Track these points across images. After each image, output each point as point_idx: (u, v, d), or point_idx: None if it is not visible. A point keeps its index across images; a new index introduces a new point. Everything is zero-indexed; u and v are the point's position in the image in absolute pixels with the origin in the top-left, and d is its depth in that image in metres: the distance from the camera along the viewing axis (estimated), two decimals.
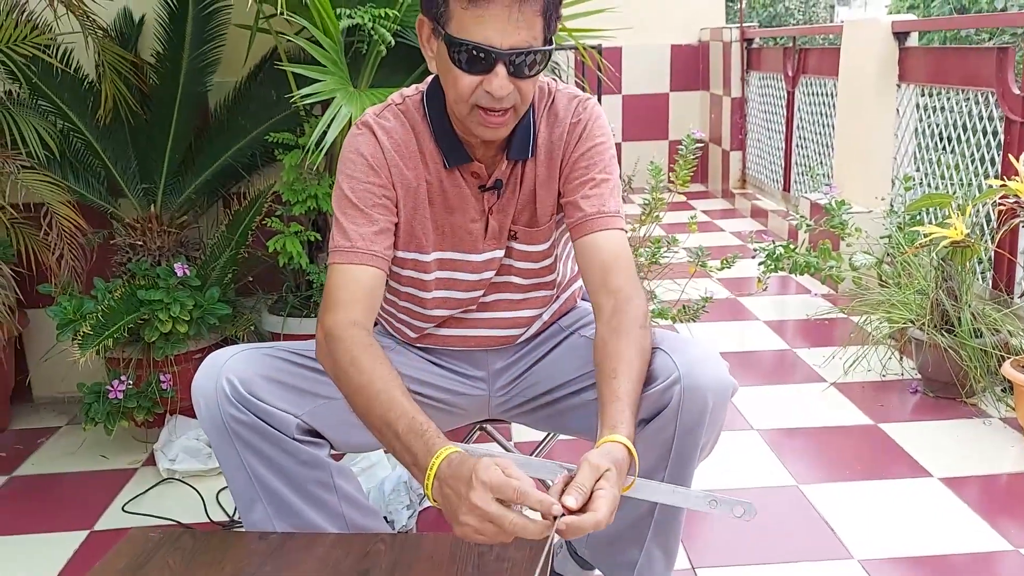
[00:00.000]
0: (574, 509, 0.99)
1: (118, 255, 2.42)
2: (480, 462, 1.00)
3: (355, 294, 1.28)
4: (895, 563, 1.81)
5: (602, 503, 1.00)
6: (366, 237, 1.30)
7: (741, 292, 3.81)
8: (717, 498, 1.05)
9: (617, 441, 1.09)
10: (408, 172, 1.34)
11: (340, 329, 1.24)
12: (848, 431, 2.45)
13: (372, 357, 1.21)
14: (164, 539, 1.26)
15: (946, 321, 2.55)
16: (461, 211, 1.37)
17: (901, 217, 3.13)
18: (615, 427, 1.11)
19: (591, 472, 1.02)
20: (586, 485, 1.01)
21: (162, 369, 2.29)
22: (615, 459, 1.05)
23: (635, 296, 1.29)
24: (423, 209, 1.36)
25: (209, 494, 2.16)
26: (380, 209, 1.32)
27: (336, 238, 1.31)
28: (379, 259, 1.31)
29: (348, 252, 1.29)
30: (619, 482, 1.04)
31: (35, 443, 2.49)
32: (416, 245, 1.38)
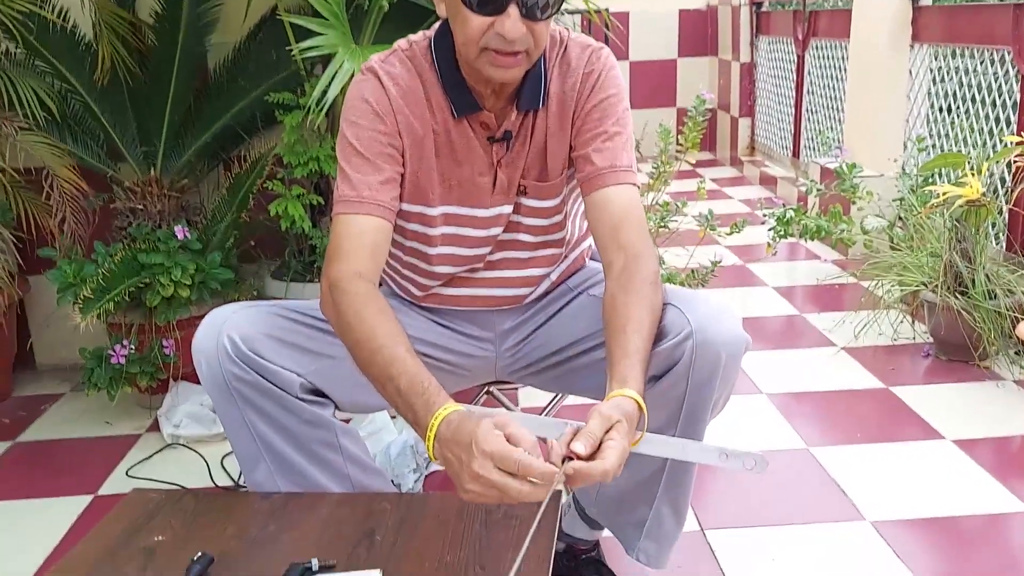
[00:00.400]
0: (583, 456, 0.97)
1: (118, 219, 2.39)
2: (480, 428, 0.96)
3: (360, 245, 1.25)
4: (907, 524, 1.79)
5: (611, 452, 0.97)
6: (372, 186, 1.26)
7: (750, 258, 3.77)
8: (728, 451, 1.02)
9: (627, 395, 1.06)
10: (415, 121, 1.29)
11: (344, 281, 1.21)
12: (859, 395, 2.41)
13: (376, 310, 1.18)
14: (165, 500, 1.24)
15: (959, 283, 2.51)
16: (469, 163, 1.33)
17: (914, 179, 3.08)
18: (625, 382, 1.08)
19: (602, 422, 1.00)
20: (596, 434, 0.99)
21: (164, 335, 2.26)
22: (625, 412, 1.03)
23: (646, 253, 1.26)
24: (429, 160, 1.32)
25: (214, 459, 2.15)
26: (386, 158, 1.28)
27: (341, 188, 1.27)
28: (385, 209, 1.27)
29: (353, 202, 1.25)
30: (629, 435, 1.01)
31: (38, 410, 2.47)
32: (422, 198, 1.34)
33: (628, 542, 1.40)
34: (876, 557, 1.69)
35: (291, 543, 1.11)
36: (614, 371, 1.11)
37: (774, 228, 3.34)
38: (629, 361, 1.11)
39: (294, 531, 1.14)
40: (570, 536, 1.57)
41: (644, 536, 1.37)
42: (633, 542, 1.39)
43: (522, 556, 0.92)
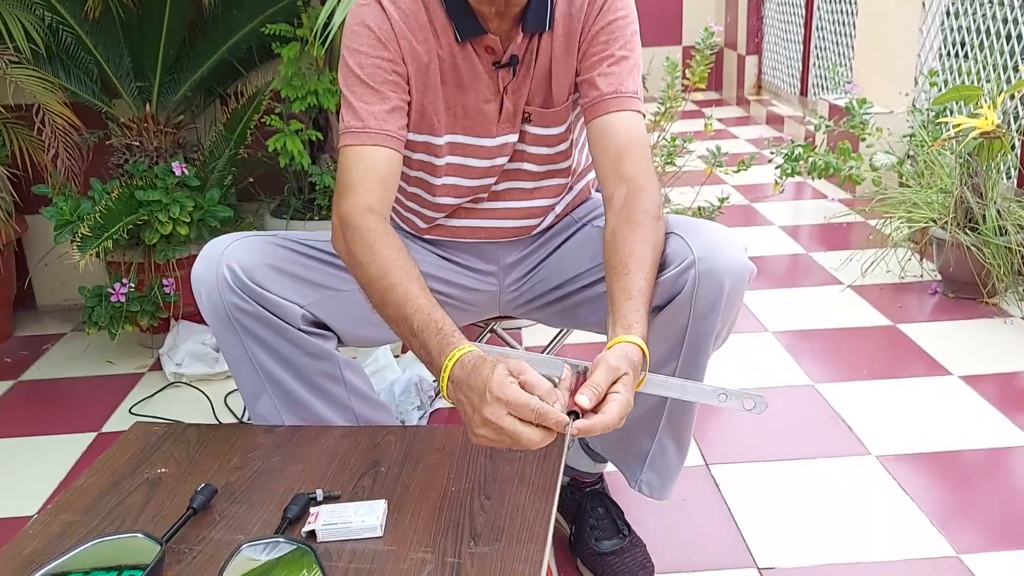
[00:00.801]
0: (587, 408, 0.95)
1: (114, 156, 2.34)
2: (495, 374, 0.93)
3: (370, 177, 1.20)
4: (913, 459, 1.78)
5: (613, 405, 0.95)
6: (378, 116, 1.22)
7: (756, 197, 3.72)
8: (727, 391, 1.00)
9: (632, 342, 1.03)
10: (419, 46, 1.25)
11: (355, 215, 1.17)
12: (865, 332, 2.40)
13: (388, 246, 1.14)
14: (168, 432, 1.23)
15: (970, 219, 2.47)
16: (474, 90, 1.29)
17: (925, 115, 3.02)
18: (629, 327, 1.05)
19: (608, 374, 0.97)
20: (601, 386, 0.96)
21: (164, 273, 2.24)
22: (632, 362, 1.00)
23: (648, 185, 1.22)
24: (435, 88, 1.27)
25: (217, 397, 2.14)
26: (391, 86, 1.23)
27: (346, 119, 1.23)
28: (394, 139, 1.22)
29: (360, 133, 1.21)
30: (633, 386, 0.99)
31: (40, 349, 2.47)
32: (428, 127, 1.30)
33: (631, 474, 1.39)
34: (881, 490, 1.68)
35: (295, 475, 1.10)
36: (616, 314, 1.08)
37: (781, 166, 3.29)
38: (632, 304, 1.08)
39: (298, 463, 1.13)
40: (574, 469, 1.56)
41: (647, 468, 1.37)
42: (636, 474, 1.38)
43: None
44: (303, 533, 0.97)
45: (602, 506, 1.53)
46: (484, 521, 0.98)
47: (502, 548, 0.92)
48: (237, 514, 1.02)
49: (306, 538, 0.96)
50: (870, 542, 1.54)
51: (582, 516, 1.53)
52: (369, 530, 0.96)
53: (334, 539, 0.96)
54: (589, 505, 1.53)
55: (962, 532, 1.55)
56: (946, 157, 2.73)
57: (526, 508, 1.00)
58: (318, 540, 0.96)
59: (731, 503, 1.66)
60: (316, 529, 0.96)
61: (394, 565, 0.91)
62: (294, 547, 0.91)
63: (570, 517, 1.57)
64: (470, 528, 0.97)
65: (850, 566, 1.48)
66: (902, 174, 3.01)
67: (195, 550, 0.95)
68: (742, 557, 1.51)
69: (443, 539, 0.95)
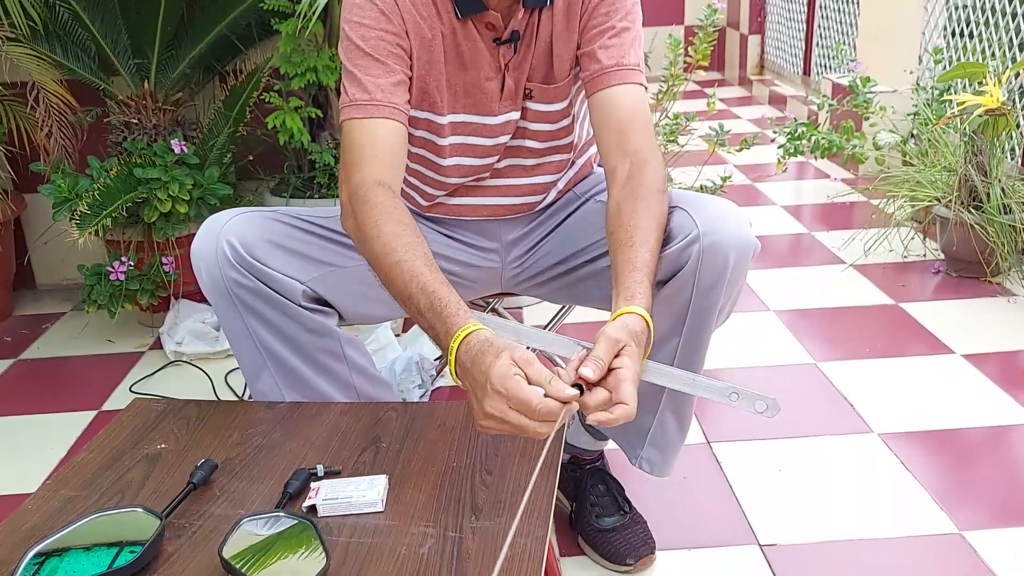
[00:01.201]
0: (592, 380, 0.93)
1: (113, 134, 2.33)
2: (497, 365, 0.90)
3: (379, 151, 1.18)
4: (915, 437, 1.78)
5: (626, 386, 0.93)
6: (384, 88, 1.19)
7: (759, 176, 3.70)
8: (739, 390, 0.98)
9: (633, 312, 1.02)
10: (422, 22, 1.22)
11: (365, 189, 1.14)
12: (867, 311, 2.39)
13: (396, 222, 1.11)
14: (168, 409, 1.22)
15: (973, 198, 2.46)
16: (475, 68, 1.27)
17: (929, 92, 2.99)
18: (631, 298, 1.04)
19: (609, 346, 0.96)
20: (603, 359, 0.95)
21: (164, 252, 2.23)
22: (632, 331, 0.99)
23: (652, 159, 1.20)
24: (438, 65, 1.25)
25: (218, 376, 2.13)
26: (395, 59, 1.21)
27: (350, 91, 1.20)
28: (400, 112, 1.20)
29: (366, 105, 1.18)
30: (639, 356, 0.98)
31: (40, 328, 2.46)
32: (430, 104, 1.28)
33: (631, 451, 1.39)
34: (883, 468, 1.68)
35: (296, 450, 1.10)
36: (620, 286, 1.07)
37: (784, 145, 3.27)
38: (636, 275, 1.07)
39: (299, 438, 1.13)
40: (574, 447, 1.56)
41: (647, 444, 1.36)
42: (636, 451, 1.37)
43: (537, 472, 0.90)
44: (304, 508, 0.96)
45: (603, 483, 1.53)
46: (486, 496, 0.97)
47: (504, 523, 0.92)
48: (237, 489, 1.01)
49: (307, 513, 0.95)
50: (872, 519, 1.53)
51: (583, 493, 1.53)
52: (370, 505, 0.95)
53: (335, 514, 0.95)
54: (590, 482, 1.53)
55: (964, 509, 1.54)
56: (950, 135, 2.71)
57: (528, 484, 0.99)
58: (319, 515, 0.95)
59: (733, 481, 1.66)
60: (317, 504, 0.95)
61: (395, 539, 0.90)
62: (295, 522, 0.90)
63: (570, 494, 1.57)
64: (471, 503, 0.96)
65: (852, 543, 1.48)
66: (906, 153, 2.99)
67: (195, 525, 0.94)
68: (744, 534, 1.51)
69: (444, 514, 0.94)
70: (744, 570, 1.43)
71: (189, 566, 0.87)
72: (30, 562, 0.85)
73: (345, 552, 0.89)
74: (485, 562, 0.85)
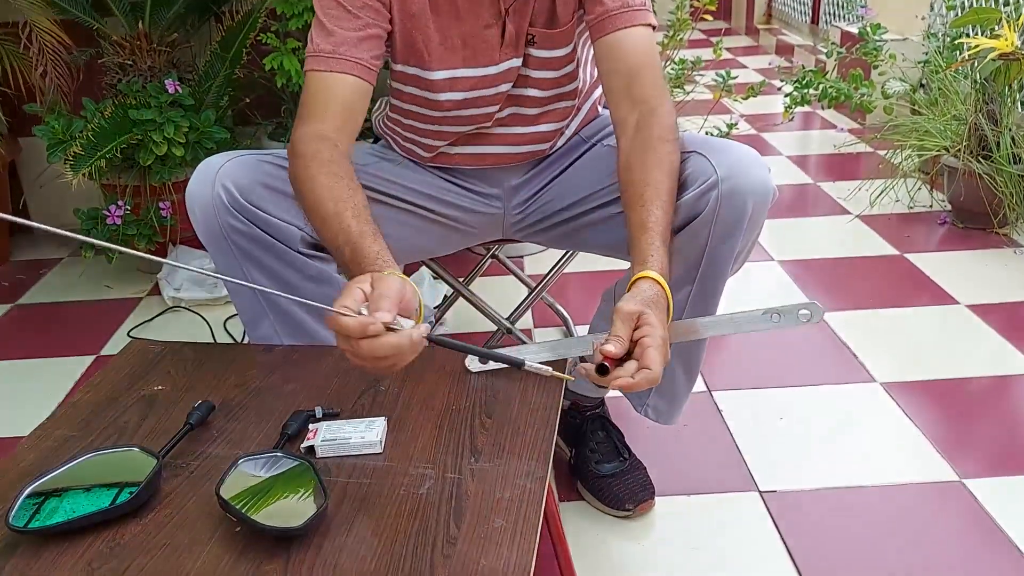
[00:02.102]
0: (616, 355, 0.92)
1: (107, 75, 2.28)
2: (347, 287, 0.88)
3: (329, 106, 1.16)
4: (919, 386, 1.77)
5: (651, 352, 0.91)
6: (348, 41, 1.16)
7: (764, 126, 3.65)
8: (778, 309, 0.95)
9: (647, 277, 1.00)
10: None
11: (304, 143, 1.13)
12: (872, 261, 2.37)
13: (328, 174, 1.09)
14: (166, 351, 1.21)
15: (983, 147, 2.42)
16: (473, 15, 1.22)
17: (941, 40, 2.93)
18: (644, 262, 1.01)
19: (626, 321, 0.94)
20: (623, 334, 0.93)
21: (160, 196, 2.20)
22: (647, 299, 0.96)
23: (661, 106, 1.17)
24: (424, 16, 1.21)
25: (216, 322, 2.12)
26: (369, 11, 1.17)
27: (315, 40, 1.17)
28: (362, 67, 1.16)
29: (327, 58, 1.16)
30: (660, 320, 0.95)
31: (37, 273, 2.44)
32: (417, 59, 1.24)
33: (637, 399, 1.38)
34: (885, 417, 1.67)
35: (294, 392, 1.08)
36: (634, 249, 1.05)
37: (791, 94, 3.21)
38: (648, 236, 1.04)
39: (298, 381, 1.11)
40: (575, 394, 1.55)
41: (654, 393, 1.35)
42: (643, 399, 1.36)
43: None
44: (302, 449, 0.95)
45: (603, 430, 1.52)
46: (485, 439, 0.96)
47: (504, 464, 0.91)
48: (235, 430, 1.00)
49: (305, 454, 0.94)
50: (872, 467, 1.53)
51: (582, 440, 1.52)
52: (369, 447, 0.94)
53: (333, 455, 0.94)
54: (590, 429, 1.53)
55: (965, 457, 1.54)
56: (961, 83, 2.66)
57: (528, 427, 0.98)
58: (317, 456, 0.94)
59: (733, 429, 1.66)
60: (315, 445, 0.94)
61: (394, 480, 0.89)
62: (293, 462, 0.89)
63: (570, 441, 1.56)
64: (471, 445, 0.95)
65: (852, 490, 1.48)
66: (915, 102, 2.94)
67: (192, 465, 0.93)
68: (743, 481, 1.51)
69: (443, 456, 0.93)
70: (743, 516, 1.43)
71: (187, 505, 0.87)
72: (29, 502, 0.84)
73: (344, 492, 0.88)
74: (484, 503, 0.85)
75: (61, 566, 0.79)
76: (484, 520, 0.82)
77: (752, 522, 1.41)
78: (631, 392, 1.38)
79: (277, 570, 0.77)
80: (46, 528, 0.81)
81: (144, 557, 0.79)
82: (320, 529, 0.82)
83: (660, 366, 0.92)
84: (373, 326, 0.84)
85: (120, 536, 0.82)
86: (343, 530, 0.82)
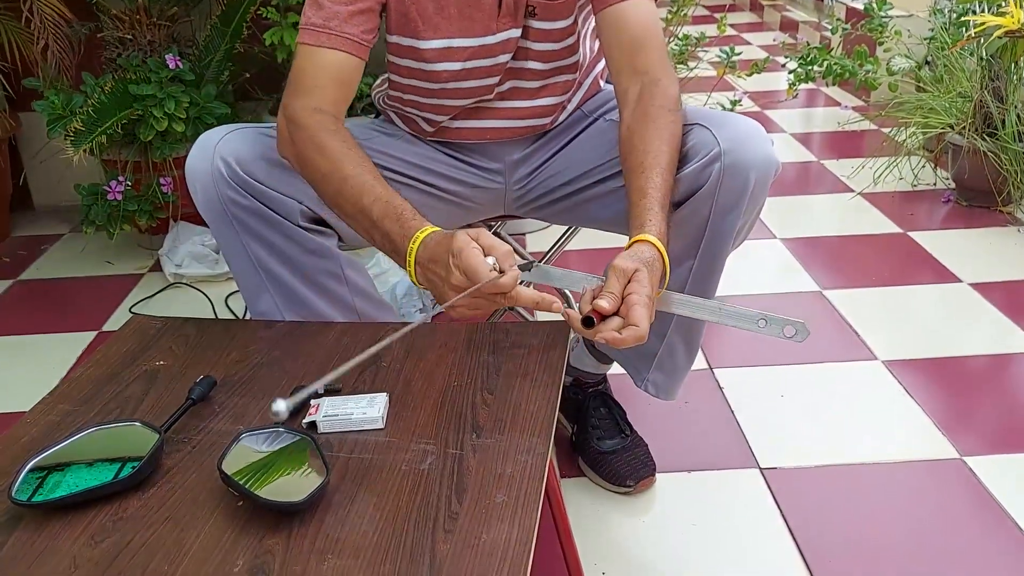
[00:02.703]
0: (608, 311, 0.92)
1: (107, 50, 2.27)
2: (455, 241, 0.91)
3: (322, 81, 1.15)
4: (920, 364, 1.77)
5: (638, 309, 0.91)
6: (339, 15, 1.15)
7: (768, 103, 3.63)
8: (767, 316, 0.95)
9: (644, 240, 0.99)
10: None
11: (303, 116, 1.12)
12: (875, 239, 2.36)
13: (340, 140, 1.10)
14: (167, 326, 1.21)
15: (988, 124, 2.40)
16: None
17: (947, 16, 2.90)
18: (642, 226, 1.01)
19: (619, 276, 0.94)
20: (615, 290, 0.93)
21: (161, 172, 2.19)
22: (643, 259, 0.96)
23: (664, 77, 1.16)
24: None
25: (218, 298, 2.12)
26: None
27: (307, 12, 1.16)
28: (352, 43, 1.16)
29: (318, 32, 1.15)
30: (652, 282, 0.95)
31: (38, 249, 2.44)
32: (411, 30, 1.23)
33: (637, 373, 1.38)
34: (886, 394, 1.68)
35: (296, 368, 1.08)
36: (632, 215, 1.04)
37: (795, 71, 3.18)
38: (646, 203, 1.04)
39: (299, 357, 1.11)
40: (577, 369, 1.55)
41: (654, 368, 1.35)
42: (643, 373, 1.36)
43: None
44: (304, 424, 0.95)
45: (604, 406, 1.53)
46: (487, 415, 0.96)
47: (505, 440, 0.91)
48: (237, 406, 1.00)
49: (307, 429, 0.94)
50: (873, 444, 1.53)
51: (584, 416, 1.52)
52: (370, 422, 0.95)
53: (335, 431, 0.94)
54: (592, 405, 1.53)
55: (966, 435, 1.54)
56: (967, 60, 2.63)
57: (529, 403, 0.98)
58: (319, 432, 0.94)
59: (734, 406, 1.66)
60: (317, 420, 0.95)
61: (395, 456, 0.89)
62: (295, 438, 0.90)
63: (572, 417, 1.57)
64: (472, 421, 0.95)
65: (853, 467, 1.48)
66: (920, 79, 2.92)
67: (194, 440, 0.93)
68: (744, 458, 1.51)
69: (445, 431, 0.93)
70: (744, 492, 1.43)
71: (188, 479, 0.87)
72: (32, 476, 0.84)
73: (345, 468, 0.88)
74: (485, 478, 0.85)
75: (64, 539, 0.79)
76: (485, 495, 0.82)
77: (752, 499, 1.42)
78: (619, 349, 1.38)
79: (279, 544, 0.77)
80: (49, 502, 0.82)
81: (146, 531, 0.80)
82: (322, 504, 0.82)
83: (646, 323, 0.92)
84: None
85: (123, 510, 0.83)
86: (345, 505, 0.82)
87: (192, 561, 0.76)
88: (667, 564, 1.30)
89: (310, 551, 0.76)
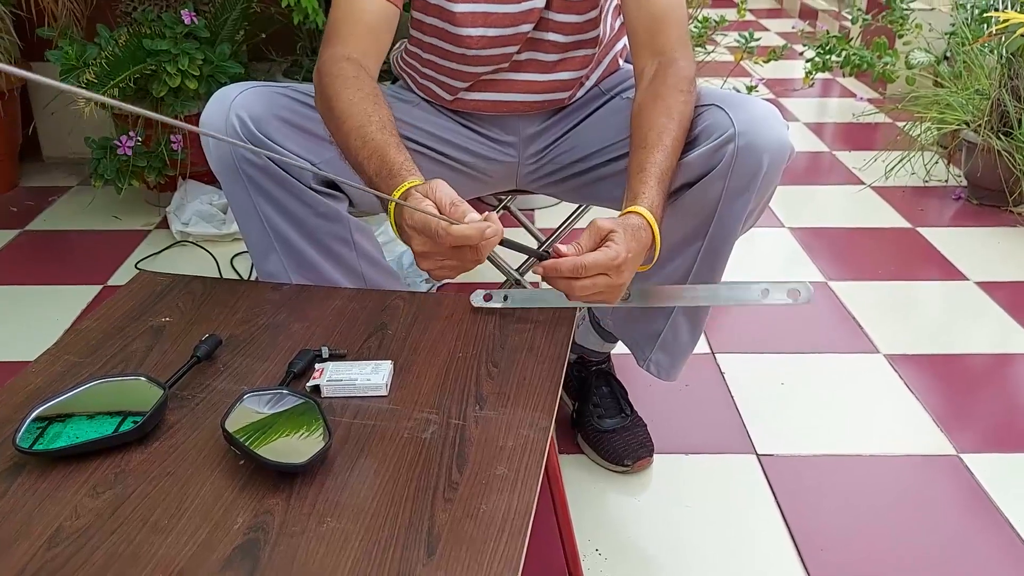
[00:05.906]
0: (565, 255, 0.93)
1: (122, 3, 2.25)
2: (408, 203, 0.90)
3: (356, 28, 1.15)
4: (922, 359, 1.77)
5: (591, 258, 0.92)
6: None
7: (783, 91, 3.60)
8: (768, 285, 0.95)
9: (633, 211, 0.99)
10: None
11: (329, 64, 1.12)
12: (883, 233, 2.35)
13: (355, 89, 1.09)
14: (174, 283, 1.21)
15: (1004, 123, 2.39)
16: None
17: (969, 11, 2.87)
18: (634, 199, 1.01)
19: (592, 235, 0.95)
20: (584, 243, 0.94)
21: (172, 129, 2.18)
22: (627, 224, 0.96)
23: (680, 57, 1.15)
24: None
25: (224, 258, 2.12)
26: None
27: None
28: None
29: None
30: (632, 248, 0.95)
31: (46, 200, 2.44)
32: None
33: (640, 353, 1.38)
34: (887, 387, 1.68)
35: (301, 331, 1.08)
36: (627, 188, 1.04)
37: (812, 59, 3.16)
38: (643, 175, 1.04)
39: (305, 320, 1.11)
40: (582, 347, 1.55)
41: (657, 348, 1.35)
42: (646, 353, 1.36)
43: None
44: (307, 388, 0.95)
45: (607, 385, 1.53)
46: (490, 387, 0.97)
47: (508, 413, 0.91)
48: (241, 366, 1.00)
49: (310, 393, 0.94)
50: (871, 436, 1.54)
51: (586, 394, 1.53)
52: (374, 389, 0.95)
53: (338, 395, 0.94)
54: (594, 383, 1.53)
55: (964, 432, 1.55)
56: (986, 58, 2.61)
57: (533, 378, 0.98)
58: (322, 396, 0.94)
59: (734, 391, 1.66)
60: (321, 385, 0.95)
61: (398, 423, 0.90)
62: (298, 400, 0.90)
63: (574, 394, 1.57)
64: (476, 393, 0.95)
65: (849, 457, 1.49)
66: (938, 74, 2.89)
67: (198, 397, 0.94)
68: (741, 443, 1.52)
69: (448, 402, 0.94)
70: (739, 477, 1.44)
71: (191, 436, 0.87)
72: (33, 425, 0.85)
73: (347, 433, 0.88)
74: (487, 449, 0.85)
75: (66, 487, 0.79)
76: (486, 467, 0.83)
77: (748, 484, 1.42)
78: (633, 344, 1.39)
79: (279, 505, 0.78)
80: (50, 451, 0.82)
81: (147, 485, 0.80)
82: (323, 467, 0.83)
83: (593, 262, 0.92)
84: (491, 227, 0.88)
85: (125, 463, 0.83)
86: (346, 469, 0.83)
87: (192, 516, 0.76)
88: (660, 544, 1.31)
89: (310, 513, 0.77)
